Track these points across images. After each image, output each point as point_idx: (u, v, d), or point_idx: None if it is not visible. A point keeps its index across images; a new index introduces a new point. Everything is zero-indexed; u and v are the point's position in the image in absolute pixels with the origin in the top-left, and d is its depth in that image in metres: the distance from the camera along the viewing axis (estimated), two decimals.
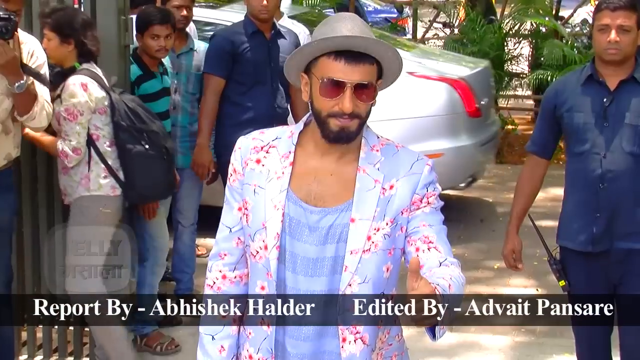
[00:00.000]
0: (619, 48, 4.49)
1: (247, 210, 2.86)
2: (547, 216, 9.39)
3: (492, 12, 15.07)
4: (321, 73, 2.71)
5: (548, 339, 6.31)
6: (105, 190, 5.35)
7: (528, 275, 7.57)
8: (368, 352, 2.83)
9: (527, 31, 13.67)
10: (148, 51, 5.97)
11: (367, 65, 2.70)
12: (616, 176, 4.61)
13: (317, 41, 2.70)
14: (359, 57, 2.68)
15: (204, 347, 3.01)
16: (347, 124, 2.71)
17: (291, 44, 6.47)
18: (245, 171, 2.88)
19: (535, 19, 13.37)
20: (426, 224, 2.78)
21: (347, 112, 2.68)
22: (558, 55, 11.99)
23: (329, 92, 2.70)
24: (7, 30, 4.65)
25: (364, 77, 2.69)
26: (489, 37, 12.51)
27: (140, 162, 5.39)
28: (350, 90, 2.67)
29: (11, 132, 5.02)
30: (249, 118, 6.30)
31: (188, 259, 6.84)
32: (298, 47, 2.79)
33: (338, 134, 2.72)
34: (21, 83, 4.76)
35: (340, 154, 2.81)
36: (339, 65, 2.68)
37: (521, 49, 13.65)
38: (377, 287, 2.78)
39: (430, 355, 5.75)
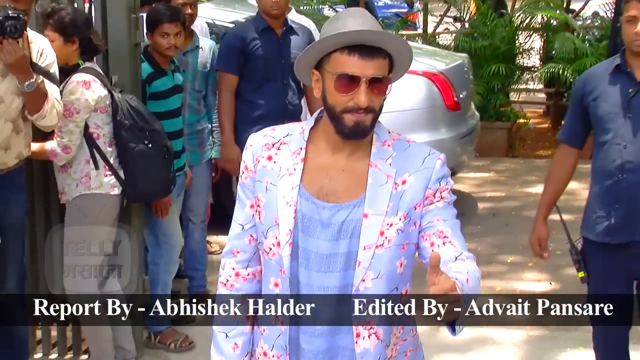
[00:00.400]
0: None
1: (260, 207, 2.86)
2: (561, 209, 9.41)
3: (503, 6, 15.04)
4: (335, 68, 2.70)
5: (562, 333, 6.30)
6: (106, 188, 5.36)
7: (541, 269, 7.56)
8: (382, 348, 2.83)
9: (538, 24, 13.65)
10: (158, 49, 5.97)
11: (380, 60, 2.70)
12: (635, 167, 4.58)
13: (330, 36, 2.69)
14: (372, 52, 2.68)
15: (218, 345, 3.01)
16: (362, 118, 2.70)
17: (304, 40, 6.45)
18: (256, 168, 2.87)
19: (546, 12, 13.34)
20: (440, 219, 2.77)
21: (362, 107, 2.67)
22: (569, 49, 11.97)
23: (343, 87, 2.69)
24: (17, 29, 4.65)
25: (377, 71, 2.69)
26: (499, 31, 12.49)
27: (143, 161, 5.39)
28: (365, 85, 2.67)
29: (22, 131, 5.03)
30: (260, 115, 6.32)
31: (200, 256, 6.85)
32: (310, 44, 2.78)
33: (353, 129, 2.72)
34: (31, 82, 4.77)
35: (352, 150, 2.80)
36: (353, 60, 2.68)
37: (532, 43, 13.61)
38: (391, 282, 2.78)
39: (444, 351, 5.76)
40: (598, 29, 13.18)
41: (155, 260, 6.15)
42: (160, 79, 6.01)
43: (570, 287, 7.06)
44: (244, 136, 6.23)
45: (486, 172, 11.12)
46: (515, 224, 8.87)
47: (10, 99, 4.89)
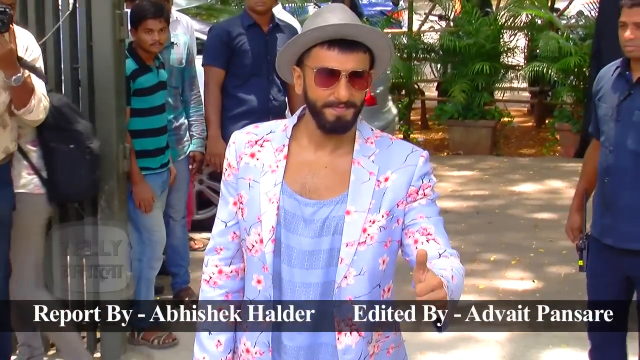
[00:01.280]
0: (635, 45, 4.46)
1: (242, 204, 2.86)
2: (543, 208, 9.47)
3: (487, 5, 15.10)
4: (315, 63, 2.70)
5: (544, 332, 6.31)
6: (30, 188, 5.31)
7: (524, 267, 7.59)
8: (364, 344, 2.82)
9: (523, 23, 13.68)
10: (142, 45, 5.96)
11: (360, 54, 2.70)
12: (617, 173, 4.60)
13: (310, 30, 2.69)
14: (352, 46, 2.68)
15: (201, 342, 3.01)
16: (343, 112, 2.70)
17: (289, 38, 6.43)
18: (239, 165, 2.87)
19: (530, 10, 13.38)
20: (423, 216, 2.77)
21: (342, 100, 2.68)
22: (554, 47, 12.01)
23: (324, 81, 2.69)
24: (3, 24, 4.66)
25: (357, 65, 2.69)
26: (484, 30, 12.52)
27: (64, 161, 5.32)
28: (345, 79, 2.67)
29: (8, 126, 5.03)
30: (244, 110, 6.35)
31: (182, 252, 6.85)
32: (289, 40, 2.78)
33: (334, 124, 2.72)
34: (18, 76, 4.77)
35: (335, 147, 2.80)
36: (333, 54, 2.68)
37: (517, 41, 13.66)
38: (373, 279, 2.78)
39: (427, 349, 5.76)
40: (582, 28, 13.24)
41: (139, 257, 6.13)
42: (144, 76, 5.99)
43: (552, 285, 7.11)
44: (228, 131, 6.28)
45: (470, 170, 11.15)
46: (499, 222, 8.90)
47: None
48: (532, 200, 9.77)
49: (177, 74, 6.56)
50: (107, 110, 5.62)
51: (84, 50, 5.61)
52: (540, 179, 10.59)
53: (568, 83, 12.04)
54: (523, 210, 9.35)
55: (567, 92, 11.96)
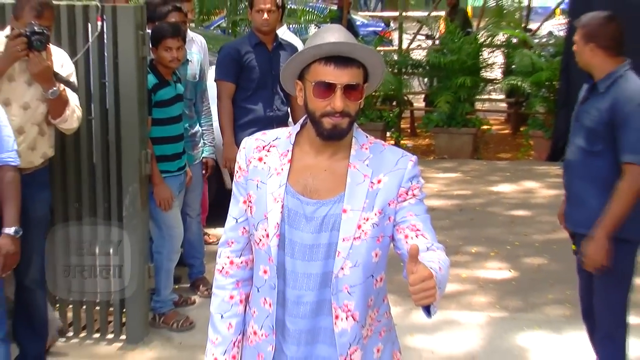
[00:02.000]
0: (579, 58, 4.66)
1: (251, 203, 2.86)
2: (519, 206, 9.45)
3: (469, 25, 15.11)
4: (314, 77, 2.72)
5: (521, 314, 6.31)
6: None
7: (502, 258, 7.57)
8: (358, 328, 2.82)
9: (500, 42, 13.69)
10: (162, 62, 5.95)
11: (354, 69, 2.70)
12: (570, 165, 4.73)
13: (309, 48, 2.71)
14: (346, 62, 2.69)
15: (214, 325, 3.02)
16: (339, 121, 2.71)
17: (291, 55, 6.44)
18: (249, 168, 2.88)
19: (507, 31, 13.40)
20: (413, 214, 2.78)
21: (338, 110, 2.69)
22: (527, 63, 12.03)
23: (321, 93, 2.71)
24: (41, 43, 4.74)
25: (351, 79, 2.69)
26: (466, 47, 12.50)
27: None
28: (340, 91, 2.68)
29: (46, 133, 5.09)
30: (252, 119, 6.36)
31: (198, 245, 6.83)
32: (291, 57, 2.79)
33: (331, 132, 2.73)
34: (54, 90, 4.84)
35: (333, 152, 2.81)
36: (329, 69, 2.69)
37: (495, 58, 13.65)
38: (367, 270, 2.79)
39: (416, 332, 5.75)
40: (552, 46, 13.22)
41: (159, 250, 6.14)
42: (163, 89, 5.99)
43: (527, 274, 7.10)
44: (238, 137, 6.30)
45: (454, 172, 11.14)
46: (480, 218, 8.89)
47: (36, 105, 4.95)
48: (509, 199, 9.76)
49: (192, 87, 6.56)
50: (131, 120, 5.63)
51: (111, 67, 5.61)
52: (516, 180, 10.58)
53: (540, 95, 12.02)
54: (501, 208, 9.33)
55: (540, 103, 11.95)
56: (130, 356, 5.73)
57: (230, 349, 2.99)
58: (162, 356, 5.77)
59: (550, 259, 7.23)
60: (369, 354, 2.90)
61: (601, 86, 4.59)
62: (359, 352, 2.85)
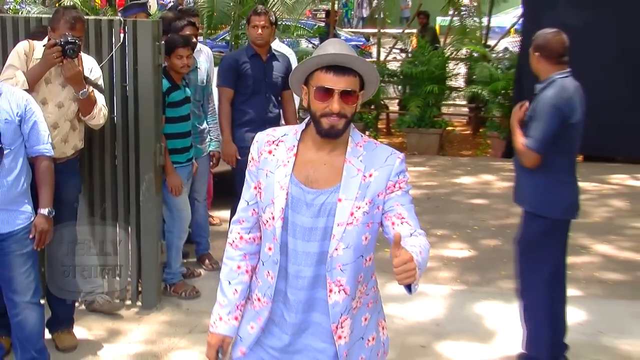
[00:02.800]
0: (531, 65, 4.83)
1: (261, 189, 2.88)
2: (478, 195, 9.47)
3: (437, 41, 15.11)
4: (316, 83, 2.74)
5: (478, 288, 6.34)
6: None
7: (463, 240, 7.60)
8: (349, 300, 2.85)
9: (463, 55, 13.71)
10: (174, 68, 5.95)
11: (350, 77, 2.72)
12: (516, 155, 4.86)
13: (313, 58, 2.74)
14: (344, 70, 2.71)
15: (222, 290, 3.04)
16: (336, 122, 2.73)
17: (283, 65, 6.51)
18: (260, 159, 2.89)
19: (469, 46, 13.41)
20: (399, 204, 2.79)
21: (335, 112, 2.71)
22: (486, 74, 12.05)
23: (321, 96, 2.73)
24: (74, 51, 4.77)
25: (348, 85, 2.71)
26: (434, 60, 12.50)
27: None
28: (338, 95, 2.70)
29: (77, 128, 5.11)
30: (247, 120, 6.33)
31: (204, 226, 6.83)
32: (297, 65, 2.81)
33: (328, 130, 2.75)
34: (84, 91, 4.87)
35: (332, 148, 2.83)
36: (329, 76, 2.71)
37: (459, 69, 13.67)
38: (357, 251, 2.80)
39: (389, 301, 5.71)
40: (508, 60, 13.21)
41: (170, 229, 6.14)
42: (175, 92, 5.99)
43: (484, 254, 7.14)
44: (236, 135, 6.29)
45: (422, 166, 11.15)
46: (444, 206, 8.91)
47: (69, 104, 4.98)
48: (469, 189, 9.79)
49: (200, 90, 6.56)
50: (148, 118, 5.64)
51: (131, 72, 5.63)
52: (475, 174, 10.60)
53: (497, 101, 12.02)
54: (462, 197, 9.36)
55: (496, 108, 11.94)
56: (145, 319, 5.75)
57: (234, 311, 3.00)
58: (172, 320, 5.78)
59: (504, 241, 7.26)
60: (357, 322, 2.92)
61: (538, 88, 4.74)
62: (349, 321, 2.87)
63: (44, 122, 4.56)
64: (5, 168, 4.36)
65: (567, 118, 4.62)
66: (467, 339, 5.39)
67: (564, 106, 4.61)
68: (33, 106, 4.52)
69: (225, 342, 3.03)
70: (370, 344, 2.98)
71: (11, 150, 4.38)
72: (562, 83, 4.66)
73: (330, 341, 2.89)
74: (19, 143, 4.43)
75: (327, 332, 2.88)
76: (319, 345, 2.91)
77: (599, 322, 5.71)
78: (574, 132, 4.69)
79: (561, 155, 4.71)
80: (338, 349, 2.88)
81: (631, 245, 7.49)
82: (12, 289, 4.50)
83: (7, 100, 4.41)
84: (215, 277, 6.40)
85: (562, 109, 4.60)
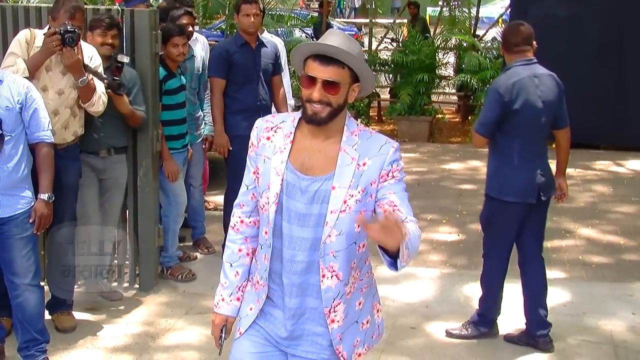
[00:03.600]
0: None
1: (258, 174, 2.88)
2: (466, 181, 9.49)
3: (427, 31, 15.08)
4: (306, 70, 2.74)
5: (466, 271, 6.37)
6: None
7: (452, 224, 7.64)
8: (341, 286, 2.85)
9: (453, 45, 13.68)
10: (170, 56, 5.94)
11: (335, 68, 2.70)
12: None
13: (308, 45, 2.74)
14: (330, 61, 2.69)
15: (224, 271, 3.06)
16: (318, 110, 2.72)
17: (271, 52, 6.47)
18: (259, 145, 2.89)
19: (458, 36, 13.40)
20: (391, 192, 2.77)
21: (315, 100, 2.70)
22: (475, 63, 12.05)
23: (306, 83, 2.73)
24: (73, 40, 4.76)
25: (331, 76, 2.69)
26: (425, 50, 12.49)
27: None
28: (320, 84, 2.69)
29: (77, 115, 5.10)
30: (240, 108, 6.23)
31: (199, 210, 6.84)
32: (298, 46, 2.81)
33: (311, 117, 2.74)
34: (83, 79, 4.86)
35: (327, 136, 2.81)
36: (315, 65, 2.70)
37: (448, 58, 13.67)
38: (350, 238, 2.79)
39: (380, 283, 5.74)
40: (496, 50, 13.22)
41: (167, 214, 6.15)
42: (171, 80, 5.99)
43: (472, 238, 7.16)
44: (229, 122, 6.24)
45: (413, 153, 11.16)
46: (434, 191, 8.93)
47: (69, 91, 4.97)
48: (458, 175, 9.81)
49: (196, 78, 6.56)
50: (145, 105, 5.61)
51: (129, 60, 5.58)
52: (464, 160, 10.62)
53: (485, 89, 12.04)
54: (451, 183, 9.38)
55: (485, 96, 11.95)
56: (143, 301, 5.77)
57: (236, 292, 3.03)
58: (169, 301, 5.80)
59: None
60: (351, 306, 2.92)
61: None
62: (342, 305, 2.88)
63: (44, 109, 4.56)
64: (6, 154, 4.36)
65: (509, 104, 4.73)
66: (456, 320, 5.41)
67: (506, 93, 4.73)
68: (34, 93, 4.51)
69: (228, 321, 3.06)
70: (364, 327, 3.00)
71: (12, 137, 4.38)
72: (515, 70, 4.80)
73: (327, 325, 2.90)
74: (19, 130, 4.43)
75: (323, 317, 2.89)
76: (318, 329, 2.92)
77: (583, 304, 5.74)
78: (521, 117, 4.76)
79: (511, 139, 4.82)
80: (331, 333, 2.89)
81: (614, 229, 7.52)
82: (13, 272, 4.51)
83: (8, 87, 4.41)
84: (210, 260, 6.47)
85: (503, 95, 4.73)
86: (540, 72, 4.83)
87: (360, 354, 3.00)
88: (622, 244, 7.12)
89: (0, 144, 4.33)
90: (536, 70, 4.81)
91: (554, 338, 5.07)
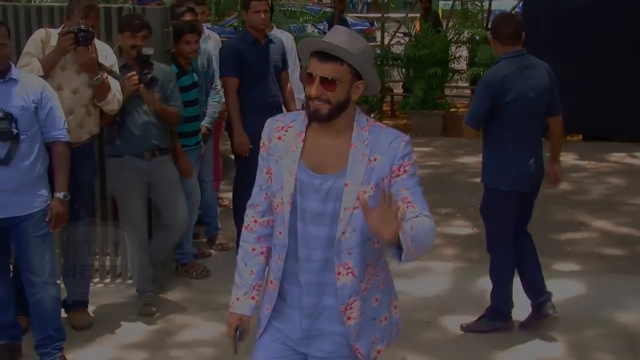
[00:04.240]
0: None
1: (271, 174, 2.87)
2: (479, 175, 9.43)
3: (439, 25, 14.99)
4: (308, 67, 2.74)
5: (479, 265, 6.33)
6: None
7: (466, 218, 7.63)
8: (357, 282, 2.84)
9: (465, 39, 13.63)
10: (182, 54, 5.96)
11: (333, 65, 2.68)
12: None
13: (310, 41, 2.74)
14: (328, 58, 2.68)
15: (239, 271, 3.05)
16: (319, 106, 2.71)
17: (279, 47, 6.45)
18: (270, 144, 2.88)
19: (471, 29, 13.33)
20: (404, 187, 2.76)
21: (312, 97, 2.70)
22: (488, 56, 11.95)
23: (306, 80, 2.73)
24: (87, 39, 4.80)
25: (329, 72, 2.67)
26: (437, 43, 12.45)
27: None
28: (317, 81, 2.68)
29: (92, 114, 5.13)
30: (254, 106, 6.18)
31: (213, 207, 6.85)
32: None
33: (312, 114, 2.74)
34: (98, 77, 4.90)
35: (337, 133, 2.80)
36: (314, 62, 2.70)
37: (461, 52, 13.62)
38: (364, 234, 2.77)
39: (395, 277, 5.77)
40: None
41: None
42: (184, 77, 5.99)
43: None
44: (246, 120, 6.18)
45: (426, 147, 11.15)
46: (447, 185, 8.93)
47: (84, 90, 5.00)
48: (472, 169, 9.78)
49: (203, 76, 6.48)
50: None
51: None
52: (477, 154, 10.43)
53: None
54: (465, 177, 9.37)
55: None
56: (158, 297, 5.78)
57: (250, 291, 3.02)
58: (184, 298, 5.82)
59: None
60: (368, 303, 2.91)
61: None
62: (358, 302, 2.86)
63: (59, 108, 4.59)
64: (22, 153, 4.39)
65: (500, 96, 4.79)
66: (471, 314, 5.40)
67: (494, 85, 4.80)
68: (49, 92, 4.54)
69: (243, 320, 3.04)
70: (383, 324, 2.99)
71: (27, 136, 4.41)
72: (505, 63, 4.85)
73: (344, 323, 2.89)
74: (35, 129, 4.46)
75: (340, 315, 2.88)
76: (335, 328, 2.90)
77: (598, 296, 5.73)
78: (513, 109, 4.82)
79: (504, 130, 4.87)
80: (347, 330, 2.87)
81: (629, 221, 7.50)
82: (29, 269, 4.55)
83: (24, 87, 4.44)
84: (224, 257, 6.48)
85: (491, 87, 4.81)
86: (531, 62, 4.89)
87: (379, 351, 2.99)
88: (637, 236, 7.09)
89: (15, 143, 4.36)
90: (527, 61, 4.90)
91: (569, 331, 5.07)
